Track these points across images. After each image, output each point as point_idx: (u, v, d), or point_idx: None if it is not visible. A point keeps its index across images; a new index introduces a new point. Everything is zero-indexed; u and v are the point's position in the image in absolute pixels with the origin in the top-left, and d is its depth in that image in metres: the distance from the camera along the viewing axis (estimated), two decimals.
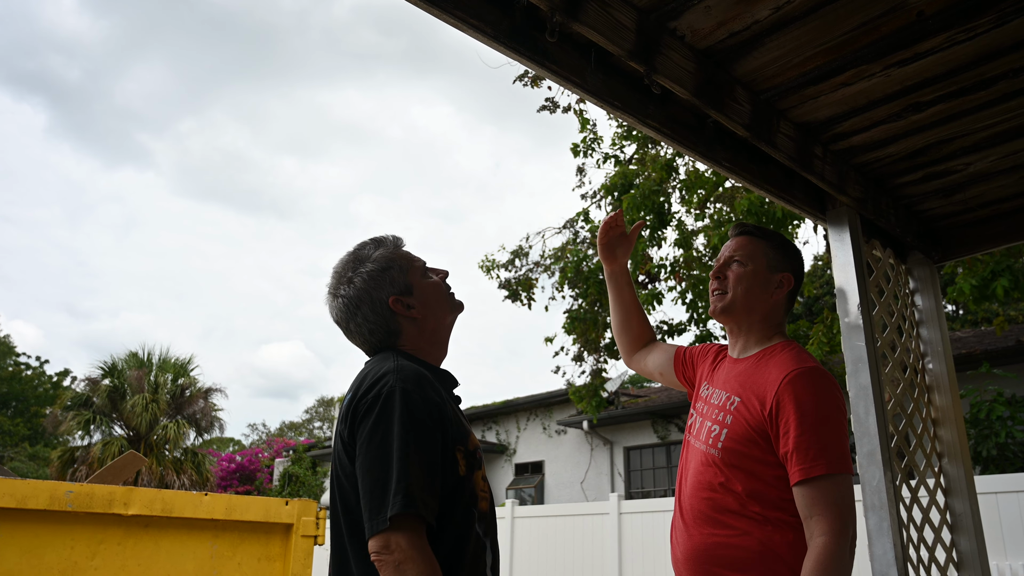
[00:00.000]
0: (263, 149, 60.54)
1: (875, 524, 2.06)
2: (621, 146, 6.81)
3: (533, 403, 13.43)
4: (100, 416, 15.13)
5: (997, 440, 6.06)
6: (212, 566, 3.41)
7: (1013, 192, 2.59)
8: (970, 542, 2.41)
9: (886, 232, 2.61)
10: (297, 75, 57.31)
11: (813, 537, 1.41)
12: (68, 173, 54.19)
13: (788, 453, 1.47)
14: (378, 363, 1.31)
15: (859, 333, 2.24)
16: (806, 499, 1.43)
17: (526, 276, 8.03)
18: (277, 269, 61.86)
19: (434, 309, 1.41)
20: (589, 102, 2.08)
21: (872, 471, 2.10)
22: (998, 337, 7.59)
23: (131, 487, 3.27)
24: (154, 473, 14.20)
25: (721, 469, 1.54)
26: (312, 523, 3.64)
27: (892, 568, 2.01)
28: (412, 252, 1.46)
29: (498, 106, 61.38)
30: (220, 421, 16.16)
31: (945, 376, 2.59)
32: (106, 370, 15.58)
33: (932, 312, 2.67)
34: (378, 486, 1.14)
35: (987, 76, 1.99)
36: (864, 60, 1.91)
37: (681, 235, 6.66)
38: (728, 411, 1.59)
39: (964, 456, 2.51)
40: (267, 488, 18.91)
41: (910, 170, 2.45)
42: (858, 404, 2.18)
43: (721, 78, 1.93)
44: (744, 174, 2.20)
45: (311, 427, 33.35)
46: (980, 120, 2.19)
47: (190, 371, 16.17)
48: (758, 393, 1.55)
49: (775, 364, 1.58)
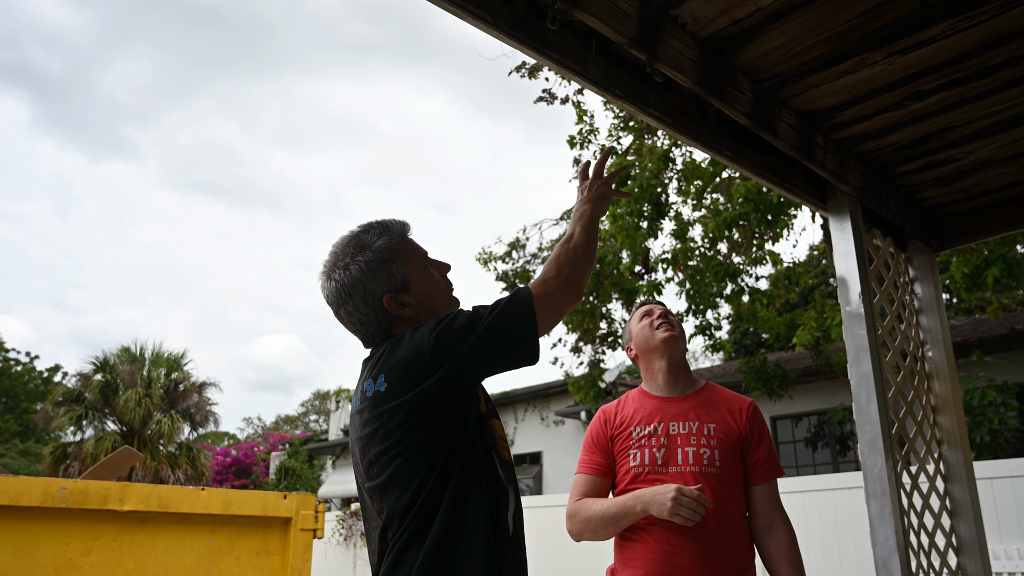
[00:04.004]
0: (253, 142, 60.08)
1: (877, 511, 2.07)
2: (617, 137, 6.78)
3: (530, 394, 13.46)
4: (92, 411, 15.04)
5: (990, 426, 6.12)
6: (210, 561, 3.40)
7: (1013, 180, 2.59)
8: (969, 527, 2.42)
9: (886, 221, 2.60)
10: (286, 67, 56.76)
11: (780, 524, 1.85)
12: (54, 166, 53.58)
13: (759, 460, 1.89)
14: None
15: (860, 322, 2.23)
16: (772, 494, 1.88)
17: (523, 268, 8.01)
18: (270, 262, 61.58)
19: (430, 307, 1.37)
20: (590, 91, 2.06)
21: (874, 458, 2.11)
22: (991, 324, 7.65)
23: (126, 483, 3.25)
24: (148, 469, 14.14)
25: (713, 485, 1.81)
26: (311, 516, 3.63)
27: (894, 554, 2.02)
28: (416, 242, 1.42)
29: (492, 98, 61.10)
30: (215, 415, 16.11)
31: (945, 364, 2.59)
32: (98, 365, 15.48)
33: (931, 300, 2.67)
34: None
35: (990, 64, 1.98)
36: (867, 48, 1.90)
37: (679, 226, 6.65)
38: (709, 436, 1.88)
39: (963, 443, 2.52)
40: (263, 482, 18.90)
41: (911, 159, 2.45)
42: (860, 392, 2.19)
43: (723, 66, 1.91)
44: (745, 163, 2.19)
45: (307, 420, 33.31)
46: (981, 108, 2.18)
47: (183, 365, 16.10)
48: (729, 419, 1.91)
49: (725, 397, 1.97)
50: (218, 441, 26.72)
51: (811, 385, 9.23)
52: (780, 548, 1.82)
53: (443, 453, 1.19)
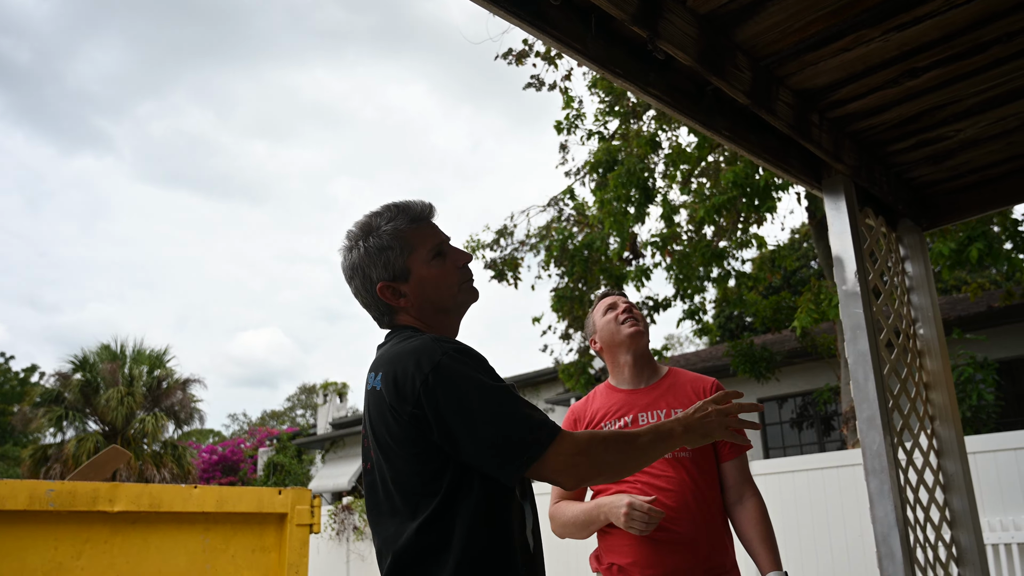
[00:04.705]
0: (230, 133, 58.97)
1: (876, 487, 2.09)
2: (604, 122, 6.75)
3: (521, 382, 13.46)
4: (73, 412, 14.76)
5: (971, 403, 6.23)
6: (205, 560, 3.35)
7: (1000, 158, 2.61)
8: (962, 501, 2.46)
9: (878, 200, 2.62)
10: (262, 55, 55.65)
11: (750, 496, 1.91)
12: (24, 160, 52.06)
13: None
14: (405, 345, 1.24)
15: (857, 301, 2.25)
16: (741, 468, 1.94)
17: (511, 255, 7.97)
18: (252, 255, 60.67)
19: (433, 300, 1.31)
20: (590, 69, 2.02)
21: (872, 435, 2.13)
22: (970, 303, 7.79)
23: (116, 483, 3.18)
24: (133, 468, 13.94)
25: (687, 468, 1.88)
26: (307, 512, 3.58)
27: (893, 529, 2.04)
28: (430, 229, 1.34)
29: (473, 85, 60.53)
30: (200, 413, 15.91)
31: (935, 341, 2.62)
32: (77, 364, 15.18)
33: (922, 278, 2.70)
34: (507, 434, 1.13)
35: (982, 40, 1.99)
36: (865, 24, 1.89)
37: (666, 210, 6.66)
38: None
39: (955, 418, 2.55)
40: (251, 478, 18.75)
41: (902, 137, 2.46)
42: (857, 370, 2.20)
43: (723, 44, 1.89)
44: (743, 143, 2.18)
45: (293, 415, 33.04)
46: (973, 86, 2.19)
47: (166, 362, 15.84)
48: (695, 400, 1.93)
49: (689, 380, 2.02)
50: (203, 439, 26.42)
51: (796, 367, 9.35)
52: (751, 519, 1.89)
53: (448, 463, 1.15)
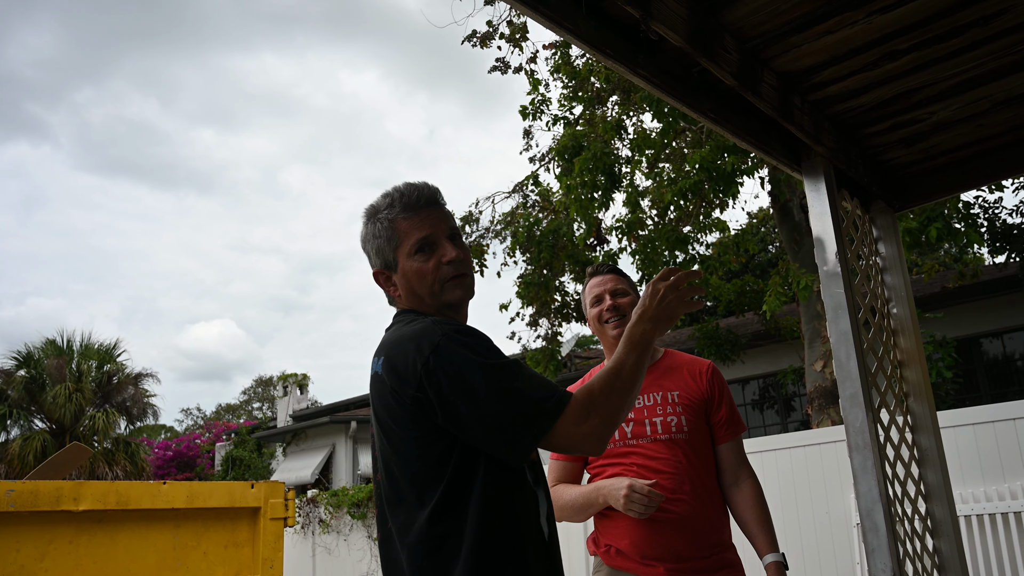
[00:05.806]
0: (174, 119, 56.94)
1: (859, 463, 2.14)
2: (570, 107, 6.74)
3: None
4: (17, 410, 14.14)
5: (931, 380, 6.49)
6: (176, 557, 3.24)
7: (968, 140, 2.69)
8: (936, 474, 2.55)
9: (854, 182, 2.66)
10: (207, 39, 53.89)
11: (746, 477, 1.98)
12: None
13: (722, 419, 2.00)
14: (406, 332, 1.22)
15: (838, 281, 2.28)
16: (737, 450, 2.00)
17: (477, 242, 7.93)
18: (202, 245, 58.98)
19: (414, 293, 1.28)
20: (581, 50, 1.99)
21: (855, 413, 2.17)
22: (924, 284, 8.11)
23: (80, 481, 3.04)
24: (84, 467, 13.44)
25: (684, 449, 1.90)
26: (281, 505, 3.50)
27: (877, 504, 2.09)
28: (420, 220, 1.29)
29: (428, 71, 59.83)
30: (153, 408, 15.45)
31: (908, 320, 2.70)
32: (21, 360, 14.52)
33: (895, 259, 2.77)
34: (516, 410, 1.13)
35: (961, 23, 2.03)
36: (850, 7, 1.90)
37: (630, 195, 6.70)
38: (674, 403, 1.97)
39: (928, 394, 2.64)
40: (209, 473, 18.31)
41: (879, 120, 2.50)
42: (839, 349, 2.24)
43: (712, 25, 1.88)
44: (727, 125, 2.18)
45: (250, 408, 32.36)
46: (948, 69, 2.24)
47: (117, 356, 15.30)
48: (691, 383, 2.00)
49: (684, 361, 2.06)
50: (155, 435, 25.63)
51: (760, 349, 9.59)
52: (747, 500, 1.94)
53: (453, 448, 1.13)
